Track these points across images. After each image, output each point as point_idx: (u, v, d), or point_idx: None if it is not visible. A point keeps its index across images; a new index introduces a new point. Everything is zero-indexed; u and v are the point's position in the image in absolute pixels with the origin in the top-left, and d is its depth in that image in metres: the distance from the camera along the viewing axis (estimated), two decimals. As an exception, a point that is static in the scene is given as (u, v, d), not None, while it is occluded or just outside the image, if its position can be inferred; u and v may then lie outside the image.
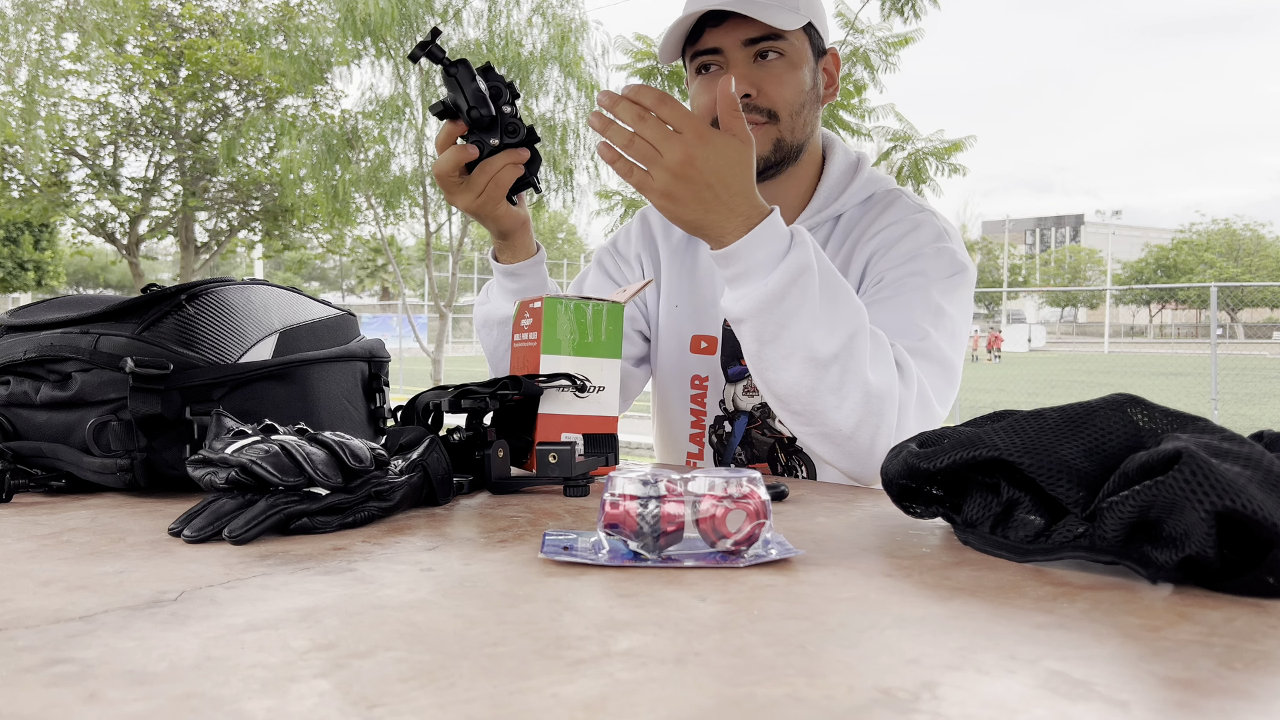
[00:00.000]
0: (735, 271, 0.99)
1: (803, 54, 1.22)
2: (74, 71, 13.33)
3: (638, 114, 0.94)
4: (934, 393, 1.12)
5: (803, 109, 1.23)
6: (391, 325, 24.59)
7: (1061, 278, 60.89)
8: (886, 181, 1.31)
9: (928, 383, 1.11)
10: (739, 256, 0.98)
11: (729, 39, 1.20)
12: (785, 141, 1.23)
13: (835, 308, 1.00)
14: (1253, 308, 53.55)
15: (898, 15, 7.85)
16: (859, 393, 1.01)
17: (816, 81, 1.26)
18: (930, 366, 1.12)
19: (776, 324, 0.99)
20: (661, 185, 0.95)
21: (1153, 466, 0.59)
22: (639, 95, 0.94)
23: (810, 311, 0.99)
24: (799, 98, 1.22)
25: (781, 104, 1.21)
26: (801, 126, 1.24)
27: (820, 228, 1.29)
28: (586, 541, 0.70)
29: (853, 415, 1.02)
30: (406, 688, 0.42)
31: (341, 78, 11.04)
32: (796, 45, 1.21)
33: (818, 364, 1.00)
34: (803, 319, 0.99)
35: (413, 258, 29.46)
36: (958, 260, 1.20)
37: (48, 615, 0.53)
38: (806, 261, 0.99)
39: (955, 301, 1.19)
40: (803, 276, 0.98)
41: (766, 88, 1.20)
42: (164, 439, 0.93)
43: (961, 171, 8.91)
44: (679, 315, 1.38)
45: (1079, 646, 0.48)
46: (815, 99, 1.26)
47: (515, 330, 1.13)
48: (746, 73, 1.20)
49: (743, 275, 0.99)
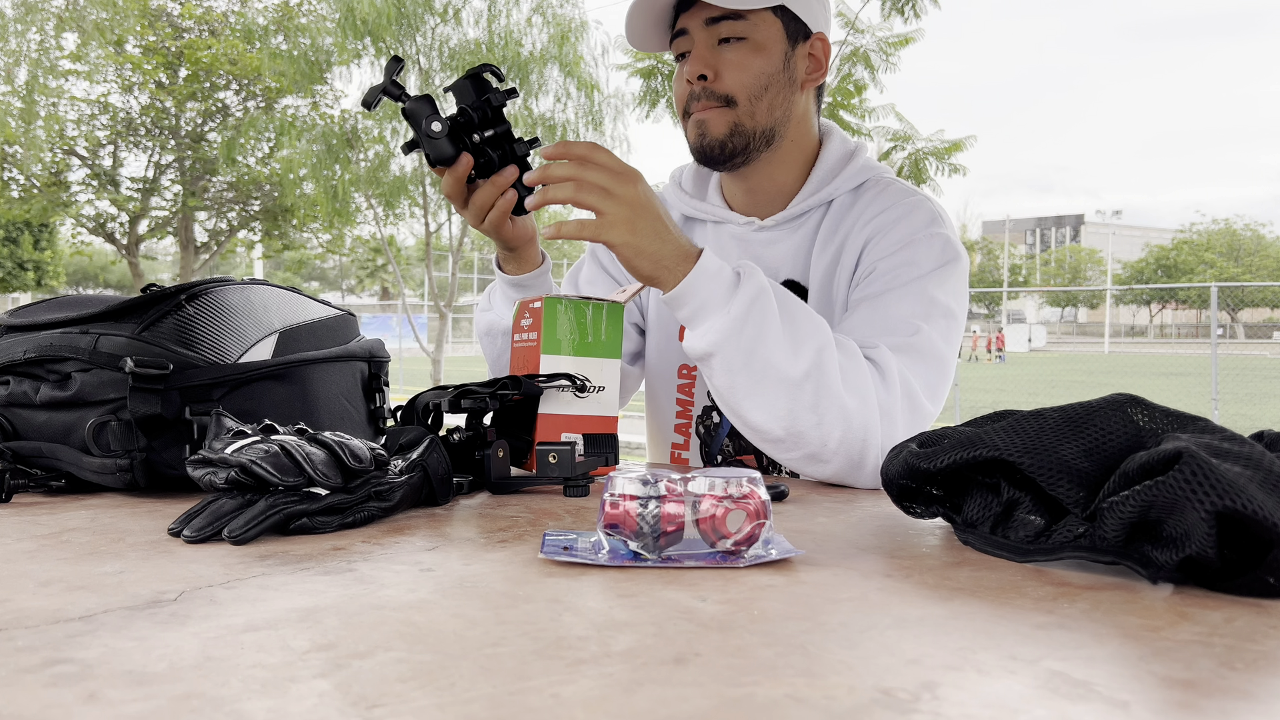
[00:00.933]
0: (692, 309, 1.01)
1: (770, 36, 1.20)
2: (74, 71, 13.33)
3: (581, 156, 0.98)
4: (923, 389, 1.11)
5: (765, 91, 1.21)
6: (391, 325, 24.59)
7: (1062, 278, 60.91)
8: (880, 169, 1.30)
9: (916, 380, 1.10)
10: (693, 291, 1.01)
11: (693, 20, 1.20)
12: (744, 126, 1.21)
13: (796, 327, 1.02)
14: (1253, 308, 53.55)
15: (898, 15, 7.84)
16: (836, 409, 1.02)
17: (790, 65, 1.23)
18: (918, 363, 1.12)
19: (744, 351, 1.00)
20: (622, 217, 0.98)
21: (1153, 466, 0.59)
22: (569, 150, 0.99)
23: (774, 333, 1.00)
24: (760, 81, 1.20)
25: (738, 88, 1.20)
26: (766, 111, 1.22)
27: (812, 212, 1.28)
28: (586, 541, 0.70)
29: (835, 429, 1.02)
30: (406, 688, 0.42)
31: (341, 78, 11.05)
32: (762, 27, 1.20)
33: (790, 384, 1.01)
34: (768, 342, 1.00)
35: (413, 258, 29.46)
36: (951, 246, 1.20)
37: (47, 615, 0.53)
38: (761, 284, 1.01)
39: (949, 291, 1.18)
40: (761, 298, 1.01)
41: (723, 72, 1.19)
42: (164, 439, 0.93)
43: (961, 171, 8.90)
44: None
45: (1079, 647, 0.48)
46: (788, 82, 1.23)
47: (515, 330, 1.13)
48: (706, 54, 1.19)
49: (700, 310, 1.01)
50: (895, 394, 1.07)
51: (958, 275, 1.20)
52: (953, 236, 1.22)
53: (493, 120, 1.10)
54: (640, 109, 9.59)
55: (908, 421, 1.08)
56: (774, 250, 1.30)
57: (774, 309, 1.01)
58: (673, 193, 1.41)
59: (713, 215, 1.35)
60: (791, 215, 1.28)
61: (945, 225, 1.22)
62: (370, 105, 1.07)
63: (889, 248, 1.19)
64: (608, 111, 11.13)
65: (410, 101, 1.07)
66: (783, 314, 1.02)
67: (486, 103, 1.09)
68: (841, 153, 1.30)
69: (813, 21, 1.24)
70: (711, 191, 1.37)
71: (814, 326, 1.03)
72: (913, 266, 1.17)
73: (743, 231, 1.32)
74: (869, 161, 1.30)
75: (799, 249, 1.28)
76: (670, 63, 9.27)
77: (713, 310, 1.01)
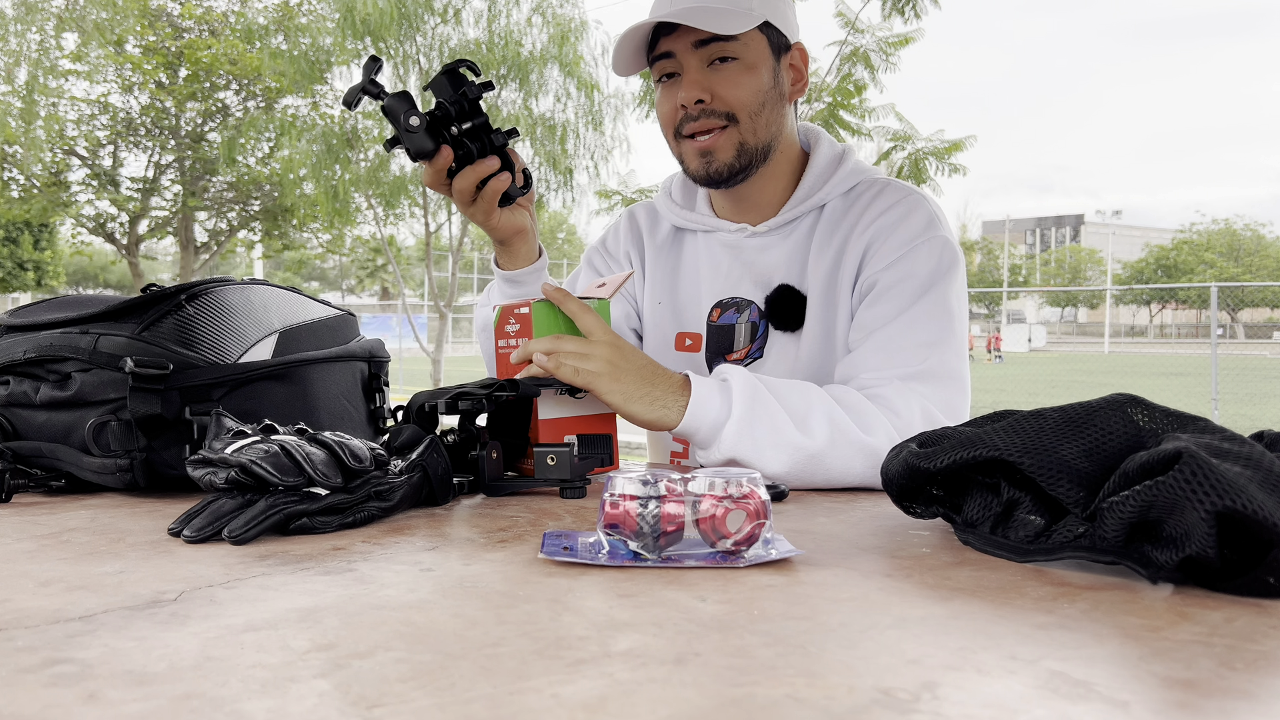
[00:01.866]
0: (705, 432, 1.03)
1: (759, 54, 1.21)
2: (74, 71, 13.32)
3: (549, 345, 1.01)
4: (942, 408, 1.12)
5: (763, 109, 1.22)
6: (391, 325, 24.58)
7: (1062, 278, 60.90)
8: (872, 171, 1.30)
9: (934, 404, 1.11)
10: (698, 417, 1.03)
11: (680, 43, 1.19)
12: (748, 144, 1.22)
13: (796, 405, 1.04)
14: (1253, 308, 53.54)
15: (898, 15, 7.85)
16: (868, 455, 1.04)
17: (779, 79, 1.24)
18: (934, 387, 1.13)
19: (766, 446, 1.02)
20: (604, 372, 1.01)
21: (1153, 466, 0.59)
22: (537, 345, 1.02)
23: (784, 419, 1.03)
24: (757, 98, 1.21)
25: (738, 105, 1.20)
26: (764, 127, 1.23)
27: (803, 218, 1.28)
28: (586, 541, 0.70)
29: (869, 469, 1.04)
30: (406, 688, 0.42)
31: (341, 78, 11.04)
32: (752, 46, 1.20)
33: (819, 456, 1.03)
34: (781, 428, 1.02)
35: (412, 258, 29.45)
36: (949, 248, 1.20)
37: (47, 615, 0.53)
38: (749, 379, 1.04)
39: (952, 295, 1.19)
40: (757, 393, 1.03)
41: (721, 91, 1.19)
42: (164, 439, 0.93)
43: (961, 171, 8.91)
44: (663, 313, 1.39)
45: (1079, 647, 0.48)
46: (778, 97, 1.24)
47: (499, 335, 1.13)
48: (699, 78, 1.19)
49: (712, 430, 1.03)
50: (910, 420, 1.08)
51: (957, 277, 1.21)
52: (950, 237, 1.21)
53: (470, 113, 1.12)
54: (640, 109, 9.60)
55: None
56: (767, 256, 1.30)
57: (768, 396, 1.04)
58: (663, 202, 1.42)
59: (702, 225, 1.35)
60: (783, 221, 1.28)
61: (943, 226, 1.22)
62: (351, 104, 1.08)
63: (888, 256, 1.19)
64: (608, 111, 11.14)
65: (388, 98, 1.09)
66: (778, 396, 1.04)
67: (463, 96, 1.10)
68: (830, 156, 1.30)
69: (790, 33, 1.25)
70: (700, 201, 1.38)
71: (808, 395, 1.06)
72: (913, 278, 1.17)
73: (734, 239, 1.32)
74: (858, 165, 1.31)
75: (792, 255, 1.28)
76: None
77: (721, 424, 1.02)
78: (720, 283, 1.33)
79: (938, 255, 1.18)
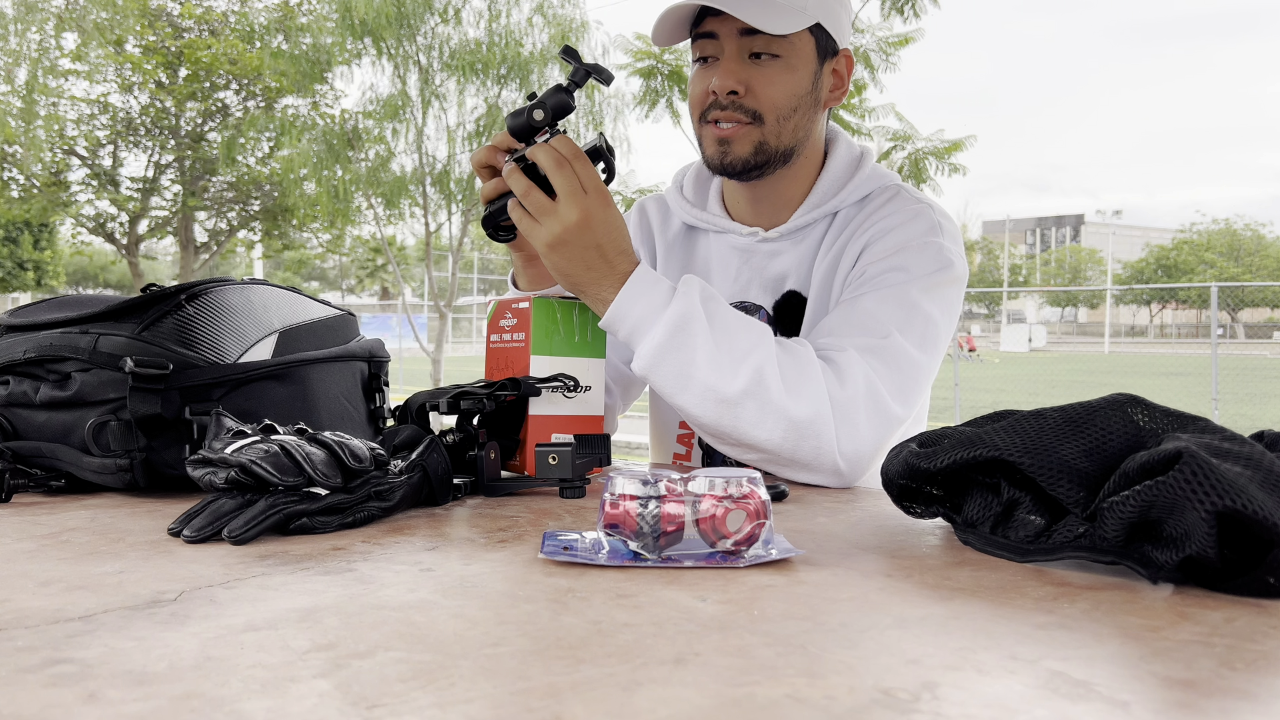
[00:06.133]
0: (627, 330, 1.03)
1: (804, 55, 1.18)
2: (74, 71, 13.33)
3: (556, 160, 0.99)
4: (890, 391, 1.09)
5: (794, 113, 1.19)
6: (391, 325, 24.56)
7: (1062, 278, 60.88)
8: (888, 178, 1.28)
9: (882, 382, 1.08)
10: (623, 315, 1.02)
11: (726, 27, 1.17)
12: (769, 145, 1.19)
13: (732, 345, 1.02)
14: (1253, 308, 53.52)
15: (898, 15, 7.84)
16: (783, 421, 1.02)
17: (818, 84, 1.21)
18: (888, 366, 1.09)
19: (676, 374, 1.02)
20: (548, 235, 1.00)
21: (1153, 466, 0.59)
22: (560, 144, 1.00)
23: (705, 356, 1.01)
24: (790, 101, 1.18)
25: (769, 106, 1.18)
26: (791, 131, 1.20)
27: (816, 224, 1.27)
28: (586, 541, 0.70)
29: (786, 439, 1.02)
30: (406, 688, 0.42)
31: (342, 77, 11.05)
32: (798, 45, 1.17)
33: (729, 403, 1.02)
34: (700, 365, 1.01)
35: (413, 257, 29.46)
36: (944, 255, 1.17)
37: (47, 615, 0.53)
38: (688, 310, 1.02)
39: (936, 299, 1.16)
40: (689, 325, 1.01)
41: (756, 87, 1.17)
42: (164, 439, 0.93)
43: (961, 171, 8.90)
44: None
45: (1079, 646, 0.48)
46: (814, 102, 1.21)
47: (492, 329, 1.11)
48: (737, 68, 1.17)
49: (633, 333, 1.03)
50: (854, 392, 1.06)
51: (947, 285, 1.18)
52: (951, 248, 1.19)
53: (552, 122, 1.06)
54: (640, 109, 9.60)
55: (870, 421, 1.06)
56: (778, 262, 1.28)
57: (703, 332, 1.01)
58: (674, 197, 1.39)
59: (714, 225, 1.33)
60: (796, 227, 1.27)
61: (944, 235, 1.19)
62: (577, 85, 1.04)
63: (882, 252, 1.18)
64: (608, 111, 11.14)
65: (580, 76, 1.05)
66: (716, 334, 1.02)
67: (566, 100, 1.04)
68: (848, 160, 1.28)
69: (841, 37, 1.22)
70: (712, 200, 1.36)
71: (752, 342, 1.03)
72: (901, 272, 1.15)
73: (746, 243, 1.30)
74: (875, 170, 1.28)
75: (802, 261, 1.27)
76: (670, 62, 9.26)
77: (642, 334, 1.02)
78: (729, 286, 1.31)
79: (931, 258, 1.16)
